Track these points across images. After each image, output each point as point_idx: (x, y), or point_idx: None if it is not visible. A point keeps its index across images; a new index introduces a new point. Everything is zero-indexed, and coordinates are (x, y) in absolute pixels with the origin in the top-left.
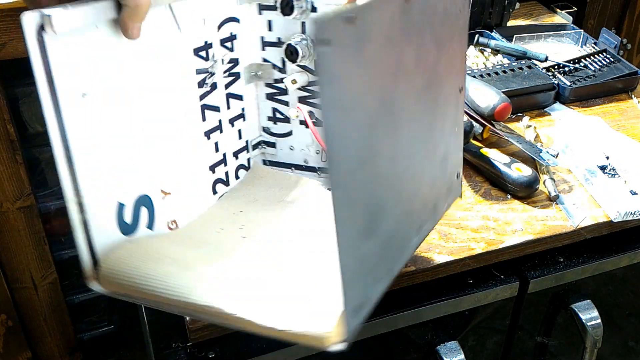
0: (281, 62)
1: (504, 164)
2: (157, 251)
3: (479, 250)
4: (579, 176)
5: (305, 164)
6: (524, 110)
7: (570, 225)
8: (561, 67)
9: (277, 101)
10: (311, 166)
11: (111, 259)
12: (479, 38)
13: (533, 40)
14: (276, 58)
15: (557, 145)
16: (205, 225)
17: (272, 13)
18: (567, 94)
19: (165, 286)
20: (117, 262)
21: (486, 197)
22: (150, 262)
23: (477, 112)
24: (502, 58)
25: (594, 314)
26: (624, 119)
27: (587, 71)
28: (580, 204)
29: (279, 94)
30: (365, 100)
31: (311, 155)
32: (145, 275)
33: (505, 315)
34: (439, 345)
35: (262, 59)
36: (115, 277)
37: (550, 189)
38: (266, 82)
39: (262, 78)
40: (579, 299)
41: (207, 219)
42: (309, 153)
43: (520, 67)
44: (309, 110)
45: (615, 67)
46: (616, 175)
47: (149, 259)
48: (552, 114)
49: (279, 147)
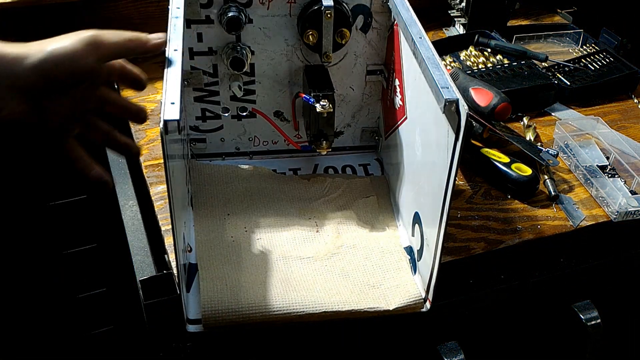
0: (212, 69)
1: (504, 164)
2: (245, 275)
3: (479, 250)
4: (579, 176)
5: (237, 150)
6: (524, 110)
7: (570, 225)
8: (561, 67)
9: (207, 102)
10: (243, 151)
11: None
12: (479, 38)
13: (533, 40)
14: (206, 65)
15: (557, 145)
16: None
17: (202, 26)
18: (567, 94)
19: (274, 306)
20: (212, 307)
21: (486, 197)
22: (249, 291)
23: (477, 112)
24: (502, 58)
25: (594, 314)
26: (624, 119)
27: (587, 71)
28: (580, 204)
29: (209, 95)
30: None
31: (243, 142)
32: (252, 305)
33: (506, 315)
34: (439, 345)
35: (190, 67)
36: (214, 314)
37: (550, 189)
38: (195, 87)
39: (192, 84)
40: (579, 299)
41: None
42: (240, 141)
43: (520, 67)
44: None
45: (615, 67)
46: (616, 175)
47: (244, 286)
48: (552, 114)
49: (208, 141)
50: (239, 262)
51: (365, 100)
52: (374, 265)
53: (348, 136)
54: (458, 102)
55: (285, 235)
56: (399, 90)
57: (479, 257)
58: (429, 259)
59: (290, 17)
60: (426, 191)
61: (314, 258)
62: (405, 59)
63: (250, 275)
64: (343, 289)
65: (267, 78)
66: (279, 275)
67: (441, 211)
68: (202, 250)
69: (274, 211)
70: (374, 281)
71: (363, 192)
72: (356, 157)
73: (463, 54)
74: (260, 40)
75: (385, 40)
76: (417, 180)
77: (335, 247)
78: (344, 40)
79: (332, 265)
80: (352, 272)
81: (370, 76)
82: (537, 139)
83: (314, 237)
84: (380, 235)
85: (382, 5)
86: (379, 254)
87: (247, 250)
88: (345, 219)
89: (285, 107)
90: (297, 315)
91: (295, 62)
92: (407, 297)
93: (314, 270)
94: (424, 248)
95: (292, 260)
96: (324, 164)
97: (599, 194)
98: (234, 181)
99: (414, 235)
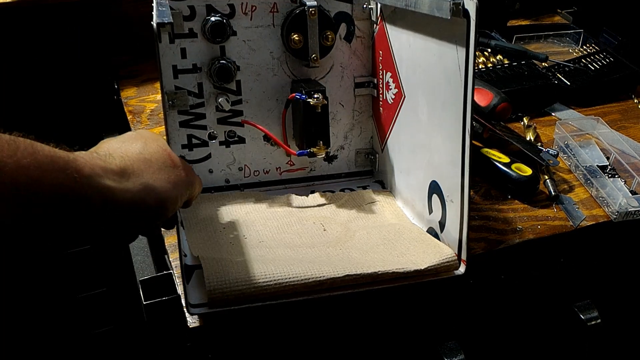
0: (197, 88)
1: (504, 164)
2: (250, 257)
3: (479, 250)
4: (579, 176)
5: (227, 184)
6: (524, 110)
7: (570, 225)
8: (561, 67)
9: (193, 127)
10: (233, 184)
11: (210, 277)
12: (479, 38)
13: (533, 40)
14: (191, 84)
15: (557, 145)
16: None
17: (185, 41)
18: (567, 94)
19: (289, 274)
20: (218, 278)
21: (486, 197)
22: (258, 264)
23: (477, 112)
24: (502, 58)
25: (594, 314)
26: (624, 119)
27: (587, 71)
28: (581, 204)
29: (195, 119)
30: None
31: (233, 173)
32: (263, 274)
33: (506, 315)
34: (439, 345)
35: (174, 87)
36: (220, 286)
37: (550, 189)
38: (180, 110)
39: (177, 106)
40: (579, 299)
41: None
42: (230, 172)
43: (520, 67)
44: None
45: (615, 67)
46: (616, 175)
47: (250, 262)
48: (552, 114)
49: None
50: (243, 254)
51: (357, 118)
52: (394, 242)
53: (342, 160)
54: (464, 2)
55: (290, 236)
56: (392, 81)
57: (479, 257)
58: (455, 216)
59: (273, 27)
60: (440, 145)
61: (325, 245)
62: (395, 39)
63: (259, 258)
64: (365, 259)
65: (254, 97)
66: (290, 256)
67: (462, 146)
68: (197, 249)
69: (274, 220)
70: (398, 252)
71: (367, 198)
72: (353, 182)
73: None
74: (245, 54)
75: (369, 50)
76: (427, 147)
77: (348, 236)
78: (330, 42)
79: (347, 249)
80: (371, 249)
81: (359, 89)
82: (537, 139)
83: (321, 234)
84: (394, 223)
85: (363, 11)
86: (397, 233)
87: (251, 248)
88: (353, 218)
89: (274, 129)
90: (317, 281)
91: (282, 77)
92: (439, 256)
93: (327, 253)
94: (447, 211)
95: (302, 248)
96: (320, 191)
97: (599, 194)
98: (227, 202)
99: (431, 211)
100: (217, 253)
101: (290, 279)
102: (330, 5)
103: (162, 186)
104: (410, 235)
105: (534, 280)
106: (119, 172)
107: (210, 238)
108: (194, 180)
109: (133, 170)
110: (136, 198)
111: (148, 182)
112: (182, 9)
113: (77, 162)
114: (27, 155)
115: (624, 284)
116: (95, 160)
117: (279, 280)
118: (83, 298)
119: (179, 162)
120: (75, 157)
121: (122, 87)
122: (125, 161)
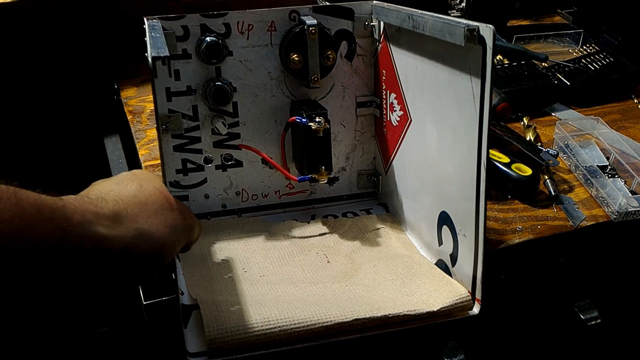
0: (192, 110)
1: (504, 164)
2: (252, 298)
3: None
4: (579, 176)
5: (224, 209)
6: (524, 110)
7: (570, 225)
8: (561, 67)
9: (188, 151)
10: (230, 209)
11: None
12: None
13: (533, 40)
14: (185, 107)
15: (557, 145)
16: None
17: (179, 62)
18: (567, 94)
19: (294, 319)
20: (218, 325)
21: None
22: (260, 307)
23: None
24: (502, 58)
25: (594, 314)
26: (624, 119)
27: (587, 71)
28: (581, 204)
29: (190, 143)
30: None
31: (230, 198)
32: (266, 320)
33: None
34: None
35: (167, 110)
36: (221, 334)
37: (550, 189)
38: (174, 134)
39: (170, 130)
40: (579, 299)
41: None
42: (227, 197)
43: (520, 67)
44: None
45: (615, 67)
46: (616, 175)
47: (252, 305)
48: (552, 114)
49: (191, 199)
50: (242, 294)
51: (358, 139)
52: (403, 277)
53: (344, 182)
54: (479, 27)
55: (292, 269)
56: (396, 102)
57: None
58: (468, 252)
59: (271, 46)
60: (451, 175)
61: (331, 281)
62: (399, 60)
63: (260, 299)
64: (373, 299)
65: (252, 118)
66: (293, 296)
67: (477, 177)
68: (195, 290)
69: (275, 251)
70: (408, 290)
71: (371, 226)
72: (356, 204)
73: None
74: (242, 75)
75: (371, 68)
76: (436, 176)
77: (353, 270)
78: (331, 61)
79: (354, 285)
80: (379, 286)
81: (360, 109)
82: (537, 139)
83: (325, 266)
84: (402, 254)
85: (365, 28)
86: (406, 267)
87: (251, 284)
88: (358, 248)
89: (273, 151)
90: (324, 326)
91: (281, 97)
92: (452, 296)
93: (333, 290)
94: (459, 245)
95: (305, 285)
96: (322, 214)
97: (599, 194)
98: (225, 230)
99: (441, 242)
100: (216, 293)
101: (295, 324)
102: (330, 23)
103: (159, 231)
104: (420, 270)
105: (534, 280)
106: (112, 217)
107: (208, 273)
108: (192, 223)
109: (127, 214)
110: (130, 245)
111: (143, 227)
112: (175, 29)
113: (65, 210)
114: (10, 207)
115: (624, 284)
116: (86, 205)
117: (283, 326)
118: (83, 298)
119: (177, 204)
120: (64, 204)
121: (122, 87)
122: (118, 205)
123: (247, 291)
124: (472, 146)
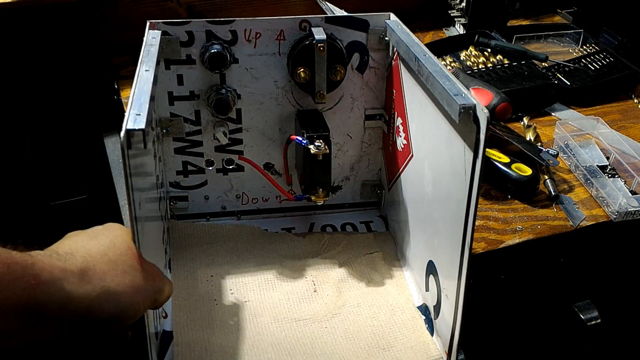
0: (194, 115)
1: (504, 164)
2: (228, 339)
3: (479, 250)
4: (579, 176)
5: (223, 210)
6: (524, 110)
7: (570, 225)
8: (561, 67)
9: (189, 154)
10: (230, 211)
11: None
12: (479, 38)
13: (533, 40)
14: (188, 111)
15: (557, 145)
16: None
17: (182, 67)
18: (567, 94)
19: None
20: None
21: (486, 197)
22: (230, 357)
23: None
24: (502, 58)
25: (594, 314)
26: (624, 119)
27: (587, 71)
28: (580, 204)
29: (192, 146)
30: None
31: (230, 200)
32: None
33: (506, 315)
34: None
35: (169, 114)
36: None
37: (550, 189)
38: (175, 137)
39: (172, 133)
40: (579, 299)
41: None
42: (227, 199)
43: (520, 67)
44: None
45: (615, 67)
46: (616, 175)
47: (223, 355)
48: (552, 114)
49: (191, 200)
50: (222, 327)
51: (365, 150)
52: (383, 325)
53: (347, 191)
54: (475, 107)
55: (278, 296)
56: (402, 129)
57: (479, 257)
58: (448, 313)
59: (279, 55)
60: (441, 231)
61: (311, 320)
62: (407, 90)
63: (236, 340)
64: (347, 353)
65: (256, 126)
66: (269, 339)
67: (461, 250)
68: (179, 315)
69: (265, 271)
70: (384, 343)
71: (366, 248)
72: (357, 214)
73: (463, 54)
74: (247, 82)
75: (384, 81)
76: (429, 222)
77: (337, 307)
78: (339, 77)
79: (333, 327)
80: (357, 334)
81: (369, 121)
82: (537, 139)
83: (311, 297)
84: (388, 292)
85: (380, 41)
86: (388, 313)
87: (233, 314)
88: (347, 277)
89: (276, 159)
90: None
91: (286, 106)
92: (425, 358)
93: (311, 333)
94: (441, 301)
95: (285, 322)
96: (321, 223)
97: (599, 194)
98: (219, 240)
99: (428, 289)
100: (196, 326)
101: None
102: (343, 34)
103: (124, 292)
104: (402, 318)
105: (534, 280)
106: (79, 274)
107: (195, 293)
108: (162, 285)
109: (95, 272)
110: (94, 304)
111: (109, 287)
112: (180, 34)
113: (35, 268)
114: None
115: (624, 284)
116: (54, 262)
117: None
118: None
119: (147, 265)
120: (34, 262)
121: (122, 87)
122: (87, 262)
123: (228, 327)
124: (459, 220)
